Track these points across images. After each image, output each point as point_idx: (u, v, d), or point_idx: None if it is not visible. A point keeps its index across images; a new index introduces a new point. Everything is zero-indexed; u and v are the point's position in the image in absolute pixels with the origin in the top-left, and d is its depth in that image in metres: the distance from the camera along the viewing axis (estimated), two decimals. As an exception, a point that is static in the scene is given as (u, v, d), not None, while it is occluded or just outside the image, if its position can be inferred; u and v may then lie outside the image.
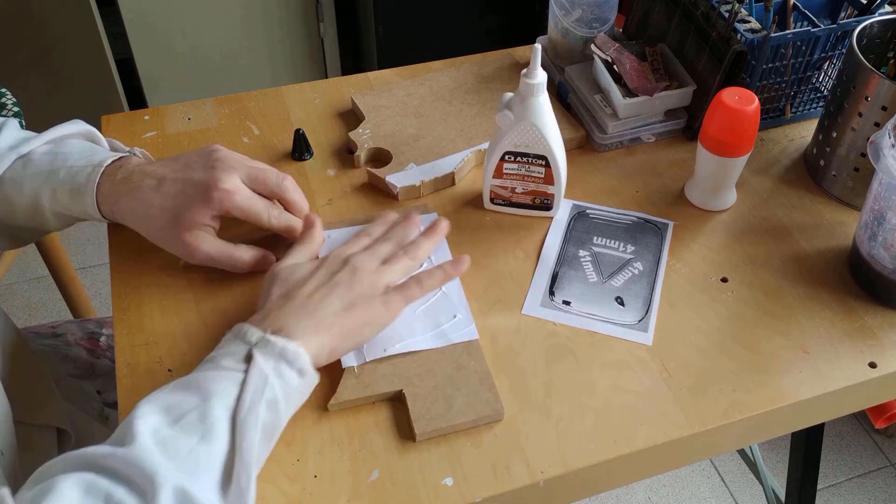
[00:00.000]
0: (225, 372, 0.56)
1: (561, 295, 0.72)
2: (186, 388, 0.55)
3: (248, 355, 0.56)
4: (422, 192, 0.80)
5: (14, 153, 0.70)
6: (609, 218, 0.79)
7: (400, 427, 0.62)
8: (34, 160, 0.70)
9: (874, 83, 0.74)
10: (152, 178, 0.68)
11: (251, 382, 0.55)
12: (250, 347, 0.57)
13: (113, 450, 0.51)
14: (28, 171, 0.70)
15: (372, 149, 0.84)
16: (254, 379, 0.55)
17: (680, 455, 0.64)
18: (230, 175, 0.67)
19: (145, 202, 0.68)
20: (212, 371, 0.56)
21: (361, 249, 0.66)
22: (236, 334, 0.59)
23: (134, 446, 0.50)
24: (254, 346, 0.57)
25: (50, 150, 0.71)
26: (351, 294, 0.62)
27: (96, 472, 0.50)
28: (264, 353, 0.56)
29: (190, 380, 0.56)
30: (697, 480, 1.60)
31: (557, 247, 0.76)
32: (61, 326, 0.94)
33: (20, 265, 1.89)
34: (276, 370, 0.56)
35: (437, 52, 1.03)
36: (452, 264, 0.67)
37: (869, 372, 0.67)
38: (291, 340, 0.58)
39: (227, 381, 0.55)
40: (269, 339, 0.57)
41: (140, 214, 0.69)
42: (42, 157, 0.71)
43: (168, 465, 0.50)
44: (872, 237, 0.71)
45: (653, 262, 0.75)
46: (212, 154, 0.69)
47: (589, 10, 0.88)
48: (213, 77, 1.99)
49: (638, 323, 0.70)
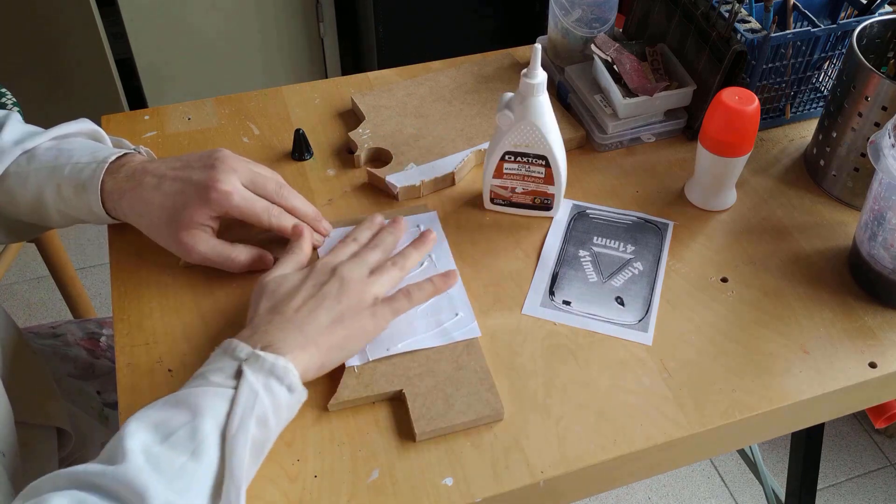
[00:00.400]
0: (214, 388, 0.55)
1: (561, 295, 0.72)
2: (176, 405, 0.55)
3: (238, 371, 0.56)
4: (422, 191, 0.80)
5: (19, 148, 0.70)
6: (609, 218, 0.79)
7: (400, 427, 0.62)
8: (38, 155, 0.70)
9: (874, 83, 0.74)
10: (153, 175, 0.68)
11: (241, 399, 0.55)
12: (240, 363, 0.57)
13: (104, 468, 0.50)
14: (33, 165, 0.70)
15: (372, 149, 0.84)
16: (244, 395, 0.55)
17: (680, 455, 0.64)
18: (229, 176, 0.67)
19: (145, 200, 0.68)
20: (201, 387, 0.56)
21: (349, 258, 0.66)
22: (225, 350, 0.58)
23: (125, 464, 0.50)
24: (243, 362, 0.57)
25: (54, 145, 0.71)
26: (339, 307, 0.62)
27: (87, 490, 0.50)
28: (254, 369, 0.56)
29: (179, 396, 0.55)
30: (697, 480, 1.60)
31: (557, 247, 0.76)
32: (61, 326, 0.94)
33: (20, 265, 1.89)
34: (266, 386, 0.56)
35: (437, 52, 1.03)
36: (442, 278, 0.68)
37: (869, 372, 0.67)
38: (281, 356, 0.57)
39: (216, 397, 0.55)
40: (258, 354, 0.57)
41: (140, 212, 0.69)
42: (46, 152, 0.71)
43: (159, 483, 0.50)
44: (872, 237, 0.71)
45: (653, 262, 0.75)
46: (213, 155, 0.69)
47: (589, 10, 0.88)
48: (213, 77, 1.99)
49: (638, 323, 0.70)
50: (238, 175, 0.68)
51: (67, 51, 1.80)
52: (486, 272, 0.74)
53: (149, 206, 0.68)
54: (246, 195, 0.68)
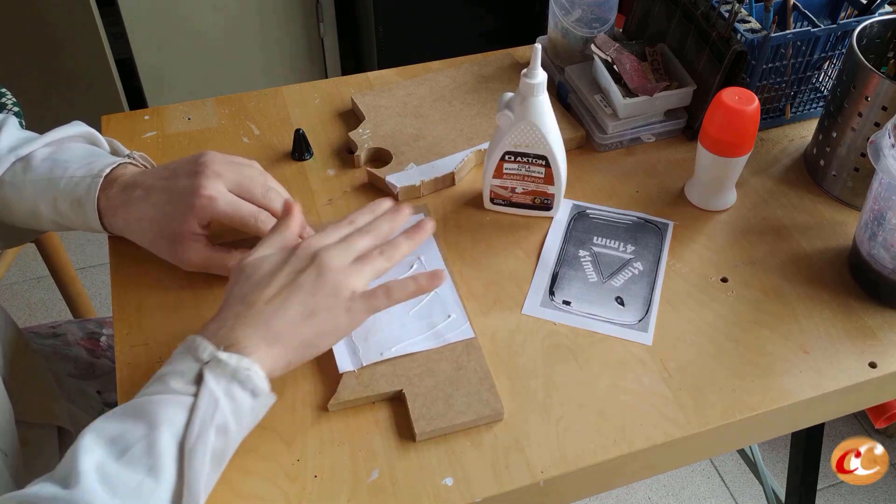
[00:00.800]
0: (174, 396, 0.53)
1: (561, 295, 0.72)
2: (134, 415, 0.53)
3: (199, 375, 0.54)
4: (422, 191, 0.80)
5: (13, 155, 0.70)
6: (609, 218, 0.79)
7: (400, 427, 0.62)
8: (34, 166, 0.70)
9: (874, 83, 0.74)
10: (142, 188, 0.68)
11: (200, 407, 0.52)
12: (201, 367, 0.54)
13: (55, 492, 0.49)
14: (28, 176, 0.70)
15: (372, 149, 0.84)
16: (203, 403, 0.53)
17: (680, 455, 0.64)
18: (212, 181, 0.66)
19: (136, 215, 0.68)
20: (161, 395, 0.53)
21: (336, 241, 0.61)
22: (188, 349, 0.56)
23: (78, 488, 0.49)
24: (205, 366, 0.54)
25: (50, 154, 0.71)
26: (312, 300, 0.58)
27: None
28: (215, 374, 0.54)
29: (137, 405, 0.53)
30: (697, 480, 1.60)
31: (557, 247, 0.76)
32: (61, 326, 0.94)
33: (20, 265, 1.89)
34: (228, 392, 0.53)
35: (437, 52, 1.03)
36: (428, 277, 0.62)
37: (869, 372, 0.67)
38: (244, 357, 0.55)
39: (175, 405, 0.53)
40: (220, 357, 0.54)
41: (133, 228, 0.69)
42: (42, 163, 0.70)
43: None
44: (872, 237, 0.71)
45: (653, 262, 0.75)
46: (198, 160, 0.68)
47: (589, 10, 0.88)
48: (214, 77, 1.99)
49: (638, 323, 0.70)
50: (223, 180, 0.67)
51: (67, 51, 1.80)
52: (486, 272, 0.74)
53: (140, 221, 0.68)
54: (231, 200, 0.67)
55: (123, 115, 0.89)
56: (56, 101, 1.87)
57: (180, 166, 0.69)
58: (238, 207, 0.67)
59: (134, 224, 0.68)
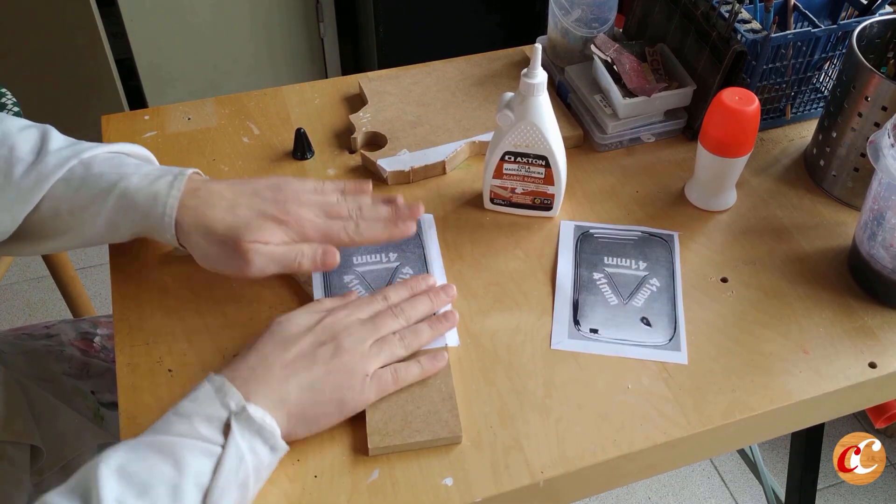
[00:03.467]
0: (202, 444, 0.54)
1: (587, 323, 0.70)
2: (160, 453, 0.53)
3: (227, 425, 0.55)
4: (411, 177, 0.81)
5: (75, 158, 0.67)
6: (614, 236, 0.77)
7: (400, 427, 0.62)
8: (98, 163, 0.68)
9: (874, 83, 0.74)
10: (221, 197, 0.67)
11: (227, 462, 0.53)
12: (229, 415, 0.55)
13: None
14: (91, 171, 0.67)
15: (369, 132, 0.85)
16: (230, 458, 0.54)
17: (680, 455, 0.64)
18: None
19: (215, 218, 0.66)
20: (188, 439, 0.54)
21: (361, 321, 0.64)
22: (218, 389, 0.56)
23: None
24: (233, 416, 0.55)
25: (113, 156, 0.69)
26: (324, 376, 0.60)
27: None
28: (241, 427, 0.55)
29: (164, 445, 0.53)
30: (697, 480, 1.60)
31: (571, 272, 0.74)
32: (55, 327, 0.94)
33: (20, 265, 1.89)
34: (252, 448, 0.55)
35: (437, 53, 1.03)
36: (430, 360, 0.64)
37: (869, 372, 0.67)
38: (268, 413, 0.56)
39: (202, 455, 0.53)
40: (248, 412, 0.55)
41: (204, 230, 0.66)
42: (106, 160, 0.68)
43: None
44: (872, 237, 0.71)
45: (668, 276, 0.74)
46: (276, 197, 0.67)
47: (589, 10, 0.88)
48: (213, 77, 1.99)
49: (669, 342, 0.68)
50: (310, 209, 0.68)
51: (67, 51, 1.80)
52: (486, 272, 0.74)
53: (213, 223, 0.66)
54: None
55: (123, 115, 0.89)
56: (56, 101, 1.87)
57: (261, 187, 0.68)
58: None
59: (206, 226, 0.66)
